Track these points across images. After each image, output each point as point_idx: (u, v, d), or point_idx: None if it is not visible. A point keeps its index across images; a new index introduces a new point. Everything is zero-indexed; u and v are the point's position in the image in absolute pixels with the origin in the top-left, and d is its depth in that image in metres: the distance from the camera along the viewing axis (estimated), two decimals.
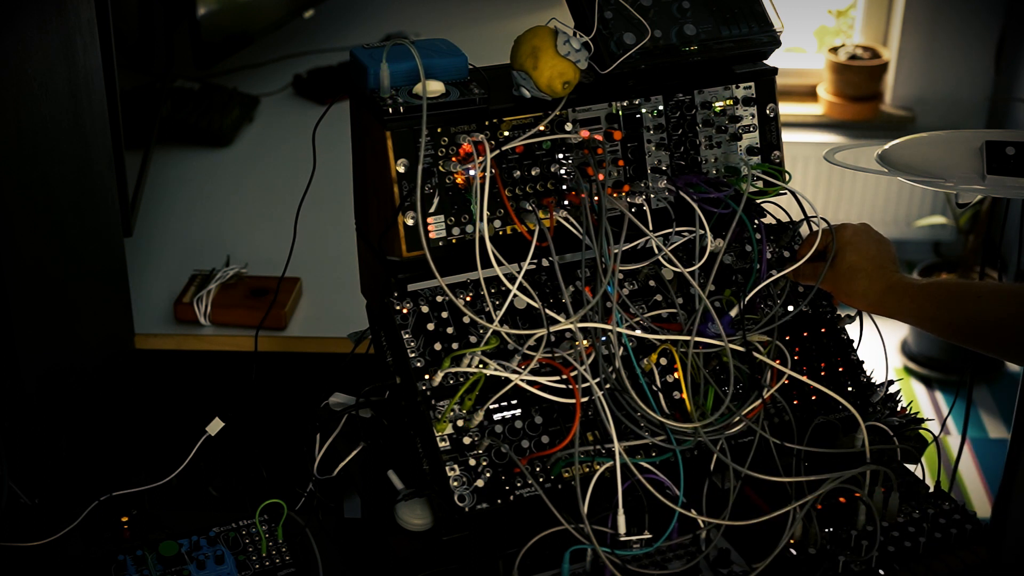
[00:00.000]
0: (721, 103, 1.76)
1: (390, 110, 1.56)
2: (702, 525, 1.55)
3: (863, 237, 1.71)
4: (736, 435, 1.62)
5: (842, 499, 1.60)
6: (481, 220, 1.60)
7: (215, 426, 1.79)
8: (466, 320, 1.61)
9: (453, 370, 1.56)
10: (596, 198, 1.62)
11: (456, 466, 1.53)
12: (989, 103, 4.36)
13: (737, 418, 1.61)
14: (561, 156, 1.66)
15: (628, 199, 1.69)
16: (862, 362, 1.76)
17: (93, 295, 2.19)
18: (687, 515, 1.54)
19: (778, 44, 1.77)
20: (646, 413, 1.58)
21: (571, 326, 1.59)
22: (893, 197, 4.41)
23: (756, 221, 1.76)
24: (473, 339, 1.60)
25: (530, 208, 1.63)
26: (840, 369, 1.73)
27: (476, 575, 1.55)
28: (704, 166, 1.76)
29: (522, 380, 1.57)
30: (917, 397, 4.00)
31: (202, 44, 2.99)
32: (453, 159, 1.60)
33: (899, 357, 4.15)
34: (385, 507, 1.64)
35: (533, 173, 1.65)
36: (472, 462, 1.53)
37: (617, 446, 1.54)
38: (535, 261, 1.63)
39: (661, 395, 1.63)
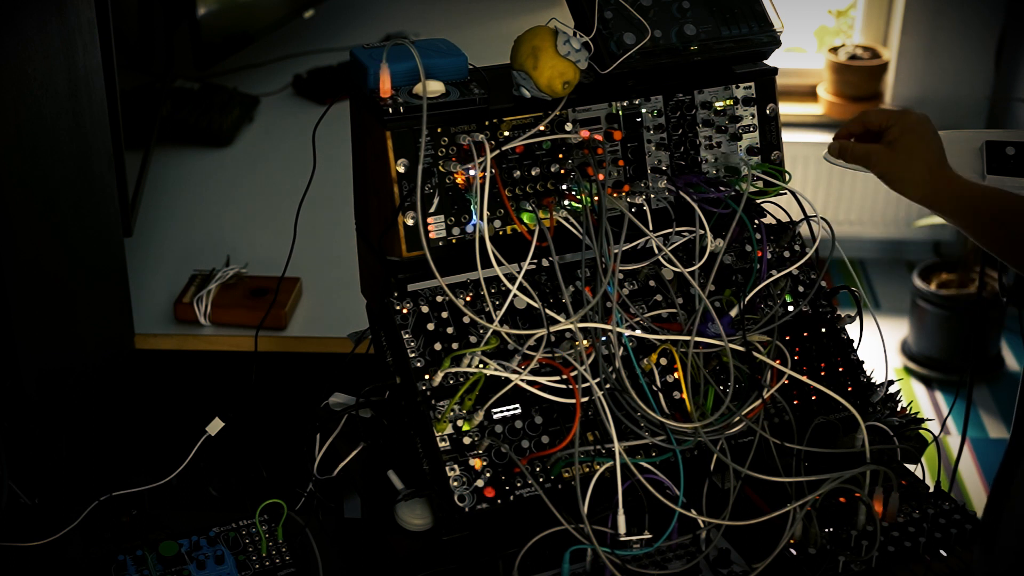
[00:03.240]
0: (721, 103, 1.76)
1: (390, 110, 1.56)
2: (702, 525, 1.55)
3: (928, 127, 1.65)
4: (736, 435, 1.62)
5: (842, 499, 1.60)
6: (481, 220, 1.60)
7: (215, 426, 1.79)
8: (466, 320, 1.61)
9: (453, 370, 1.56)
10: (596, 198, 1.62)
11: (456, 466, 1.53)
12: (989, 103, 4.36)
13: (737, 418, 1.61)
14: (561, 156, 1.66)
15: (628, 199, 1.69)
16: (862, 362, 1.76)
17: (93, 295, 2.19)
18: (687, 515, 1.54)
19: (778, 44, 1.77)
20: (646, 413, 1.58)
21: (571, 326, 1.59)
22: (893, 197, 4.38)
23: (756, 221, 1.76)
24: (473, 339, 1.60)
25: (530, 208, 1.63)
26: (840, 369, 1.73)
27: (476, 575, 1.55)
28: (704, 166, 1.76)
29: (522, 380, 1.57)
30: (917, 397, 4.00)
31: (202, 44, 2.99)
32: (453, 159, 1.60)
33: (899, 357, 4.15)
34: (385, 507, 1.64)
35: (533, 173, 1.65)
36: (472, 462, 1.53)
37: (617, 446, 1.54)
38: (535, 261, 1.63)
39: (661, 395, 1.63)
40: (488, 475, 1.53)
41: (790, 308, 1.73)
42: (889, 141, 1.65)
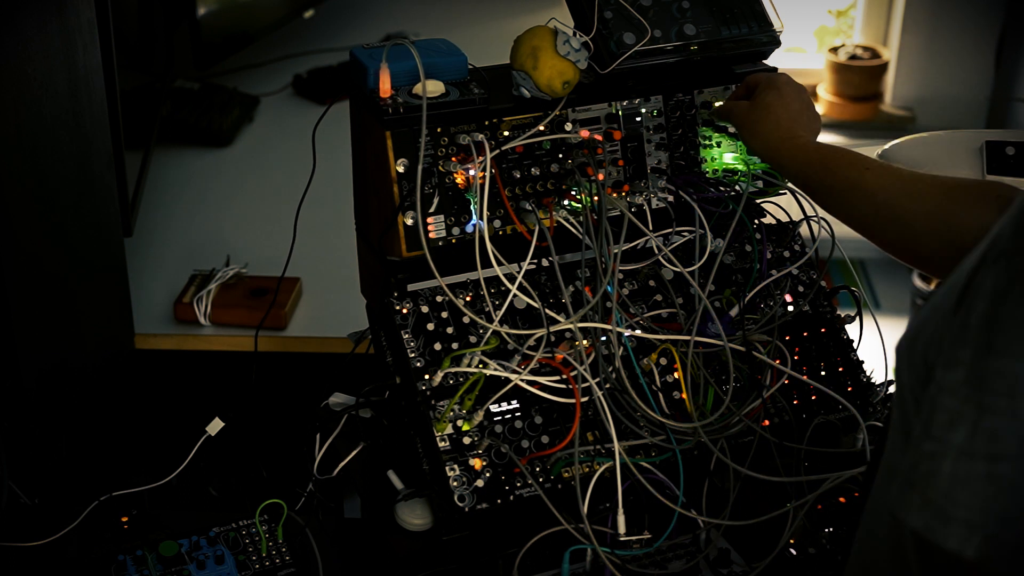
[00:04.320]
0: (721, 103, 1.76)
1: (390, 110, 1.56)
2: (702, 525, 1.54)
3: (792, 90, 1.66)
4: (736, 435, 1.62)
5: (842, 499, 1.60)
6: (481, 220, 1.60)
7: (215, 426, 1.79)
8: (466, 320, 1.61)
9: (453, 370, 1.56)
10: (596, 198, 1.62)
11: (456, 466, 1.53)
12: (989, 103, 4.36)
13: (737, 418, 1.61)
14: (561, 156, 1.66)
15: (628, 199, 1.69)
16: (862, 362, 1.76)
17: (93, 295, 2.19)
18: (687, 515, 1.54)
19: (778, 44, 1.77)
20: (646, 413, 1.58)
21: (571, 326, 1.59)
22: None
23: (756, 221, 1.76)
24: (473, 339, 1.60)
25: (530, 208, 1.63)
26: (840, 369, 1.73)
27: (476, 575, 1.55)
28: (704, 166, 1.76)
29: (522, 380, 1.57)
30: None
31: (202, 44, 2.99)
32: (453, 159, 1.60)
33: None
34: (385, 507, 1.64)
35: (533, 173, 1.65)
36: (472, 462, 1.53)
37: (617, 446, 1.54)
38: (535, 261, 1.63)
39: (661, 395, 1.62)
40: (488, 475, 1.53)
41: (790, 308, 1.73)
42: (752, 97, 1.67)
